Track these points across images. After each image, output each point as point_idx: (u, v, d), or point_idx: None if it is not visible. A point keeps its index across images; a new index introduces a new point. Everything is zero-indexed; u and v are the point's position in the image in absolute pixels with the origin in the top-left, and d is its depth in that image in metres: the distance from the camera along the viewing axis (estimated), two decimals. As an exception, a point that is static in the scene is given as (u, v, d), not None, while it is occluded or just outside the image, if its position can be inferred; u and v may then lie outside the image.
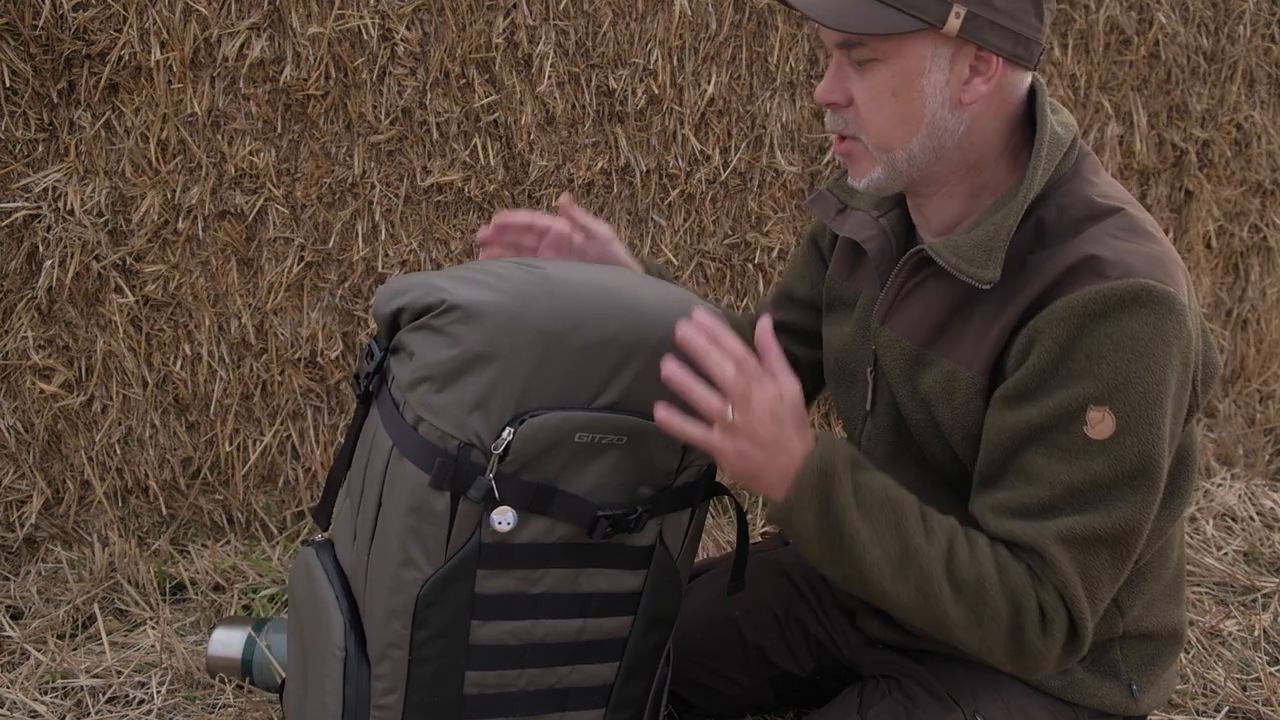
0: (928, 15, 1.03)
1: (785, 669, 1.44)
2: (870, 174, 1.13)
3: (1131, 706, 1.22)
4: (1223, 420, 2.49)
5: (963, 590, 1.04)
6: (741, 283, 2.09)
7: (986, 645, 1.06)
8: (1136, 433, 1.02)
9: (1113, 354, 1.01)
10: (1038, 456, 1.05)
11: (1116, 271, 1.02)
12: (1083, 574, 1.04)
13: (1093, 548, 1.04)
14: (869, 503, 1.05)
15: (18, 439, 1.87)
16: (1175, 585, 1.26)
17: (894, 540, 1.04)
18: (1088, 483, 1.03)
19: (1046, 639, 1.04)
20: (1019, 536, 1.05)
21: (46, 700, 1.56)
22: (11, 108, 1.73)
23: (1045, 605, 1.04)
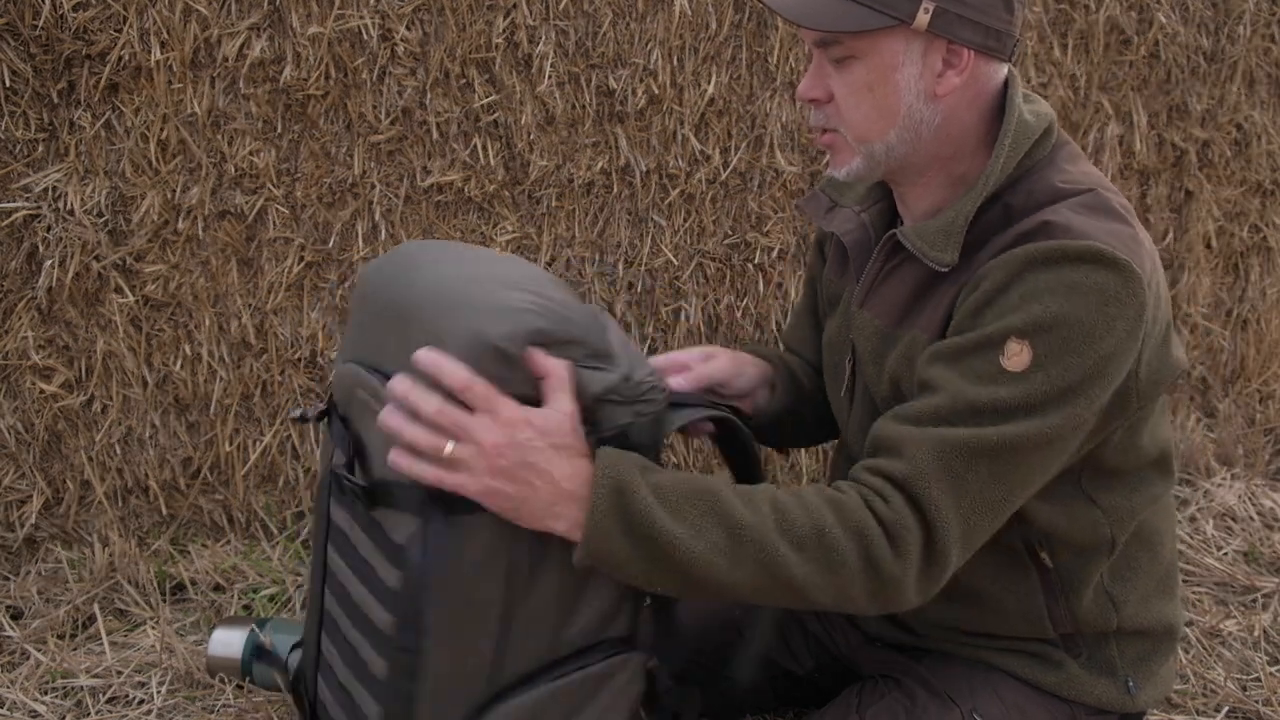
0: (897, 12, 1.06)
1: (785, 668, 1.44)
2: (850, 164, 1.17)
3: (1129, 703, 1.23)
4: (1223, 420, 2.49)
5: (804, 546, 0.98)
6: (741, 283, 2.09)
7: (847, 594, 1.00)
8: (1048, 372, 1.01)
9: (1046, 296, 1.01)
10: (948, 373, 1.05)
11: (1070, 235, 1.03)
12: (952, 486, 1.00)
13: (973, 460, 1.00)
14: (674, 499, 0.97)
15: (18, 439, 1.87)
16: (1168, 581, 1.26)
17: (715, 526, 0.97)
18: (988, 404, 1.01)
19: (901, 559, 0.99)
20: (891, 435, 1.03)
21: (46, 700, 1.56)
22: (11, 108, 1.73)
23: (890, 523, 0.99)
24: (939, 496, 1.00)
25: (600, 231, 2.00)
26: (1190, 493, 2.29)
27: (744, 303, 2.10)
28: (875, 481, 1.02)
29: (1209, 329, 2.48)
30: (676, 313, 2.07)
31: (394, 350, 1.05)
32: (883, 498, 1.01)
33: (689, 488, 0.99)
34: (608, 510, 0.95)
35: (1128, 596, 1.21)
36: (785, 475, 2.25)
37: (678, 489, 0.98)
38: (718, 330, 2.11)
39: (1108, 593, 1.20)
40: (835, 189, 1.34)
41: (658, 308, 2.06)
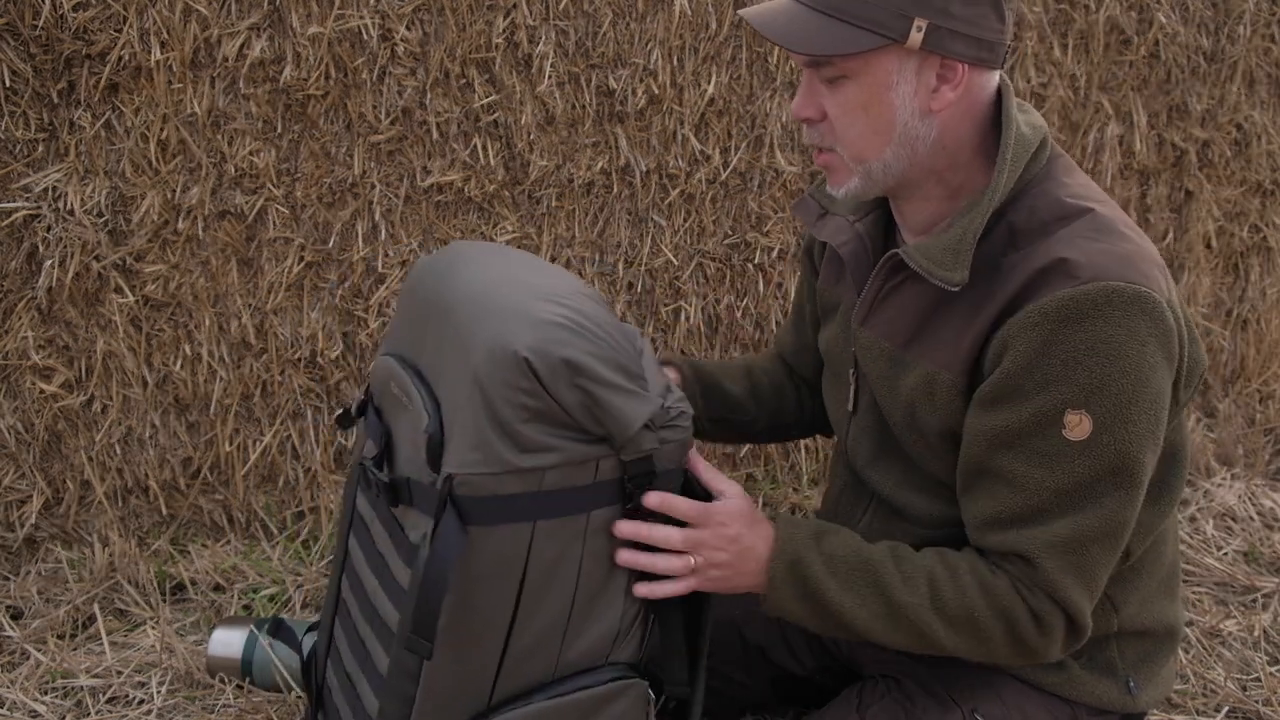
0: (889, 31, 1.05)
1: (785, 668, 1.44)
2: (848, 183, 1.16)
3: (1129, 703, 1.23)
4: (1223, 420, 2.49)
5: (955, 624, 1.10)
6: (741, 283, 2.09)
7: (992, 658, 1.13)
8: (1113, 432, 1.04)
9: (1087, 358, 1.03)
10: (1018, 464, 1.08)
11: (1086, 274, 1.03)
12: (1076, 573, 1.08)
13: (1083, 548, 1.07)
14: (843, 571, 1.12)
15: (18, 439, 1.87)
16: (1170, 582, 1.26)
17: (877, 600, 1.11)
18: (1070, 484, 1.06)
19: (1045, 639, 1.10)
20: (1009, 548, 1.09)
21: (46, 700, 1.56)
22: (11, 108, 1.73)
23: (1037, 610, 1.09)
24: (1070, 594, 1.08)
25: (600, 231, 2.00)
26: (1190, 493, 2.29)
27: (744, 303, 2.10)
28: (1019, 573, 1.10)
29: (1209, 329, 2.48)
30: (676, 313, 2.07)
31: (430, 346, 1.08)
32: (1028, 589, 1.09)
33: (855, 559, 1.13)
34: (784, 580, 1.12)
35: (1128, 598, 1.21)
36: (786, 476, 2.25)
37: (846, 561, 1.12)
38: (718, 330, 2.11)
39: (1107, 594, 1.20)
40: (826, 195, 1.32)
41: (658, 308, 2.06)
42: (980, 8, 1.07)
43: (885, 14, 1.05)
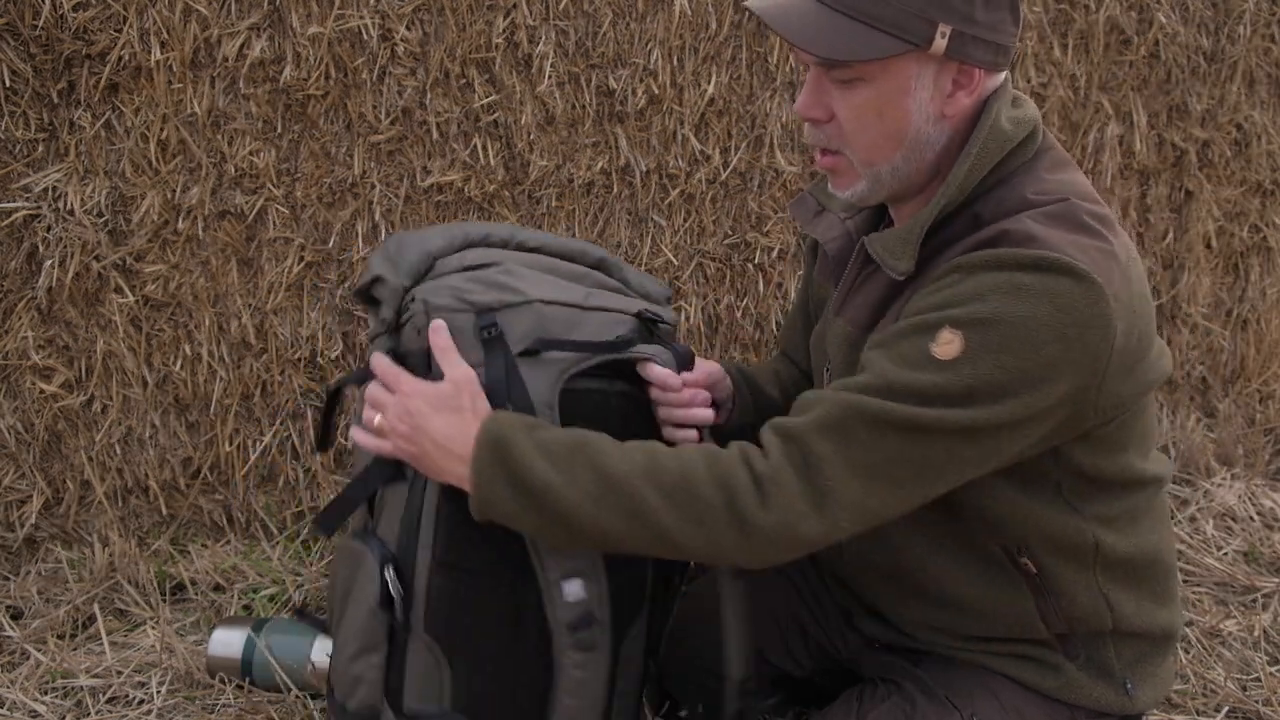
0: (914, 37, 1.02)
1: (784, 670, 1.44)
2: (854, 186, 1.13)
3: (1127, 705, 1.23)
4: (1223, 420, 2.49)
5: (672, 494, 0.99)
6: (741, 283, 2.09)
7: (717, 545, 1.00)
8: (977, 365, 0.97)
9: (991, 293, 0.98)
10: (877, 356, 1.03)
11: (1028, 243, 1.00)
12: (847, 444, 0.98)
13: (875, 428, 0.98)
14: (556, 451, 1.03)
15: (18, 439, 1.87)
16: (1166, 584, 1.26)
17: (589, 474, 1.01)
18: (907, 386, 0.98)
19: (769, 511, 0.98)
20: (805, 399, 1.03)
21: (46, 700, 1.56)
22: (11, 108, 1.73)
23: (762, 476, 0.99)
24: (824, 450, 0.98)
25: (600, 231, 2.00)
26: (1190, 493, 2.29)
27: (744, 303, 2.10)
28: (766, 436, 1.01)
29: (1209, 329, 2.48)
30: (676, 313, 2.07)
31: None
32: (764, 451, 1.00)
33: (572, 440, 1.04)
34: (489, 461, 1.03)
35: (1123, 600, 1.21)
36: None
37: (561, 442, 1.04)
38: (718, 330, 2.11)
39: (1103, 594, 1.19)
40: (823, 192, 1.31)
41: (658, 308, 2.06)
42: (1000, 12, 1.05)
43: (909, 18, 1.01)
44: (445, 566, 1.16)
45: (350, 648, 1.18)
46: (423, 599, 1.16)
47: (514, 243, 1.33)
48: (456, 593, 1.17)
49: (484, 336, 1.16)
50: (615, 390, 1.24)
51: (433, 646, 1.17)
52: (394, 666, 1.17)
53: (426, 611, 1.16)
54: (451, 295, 1.18)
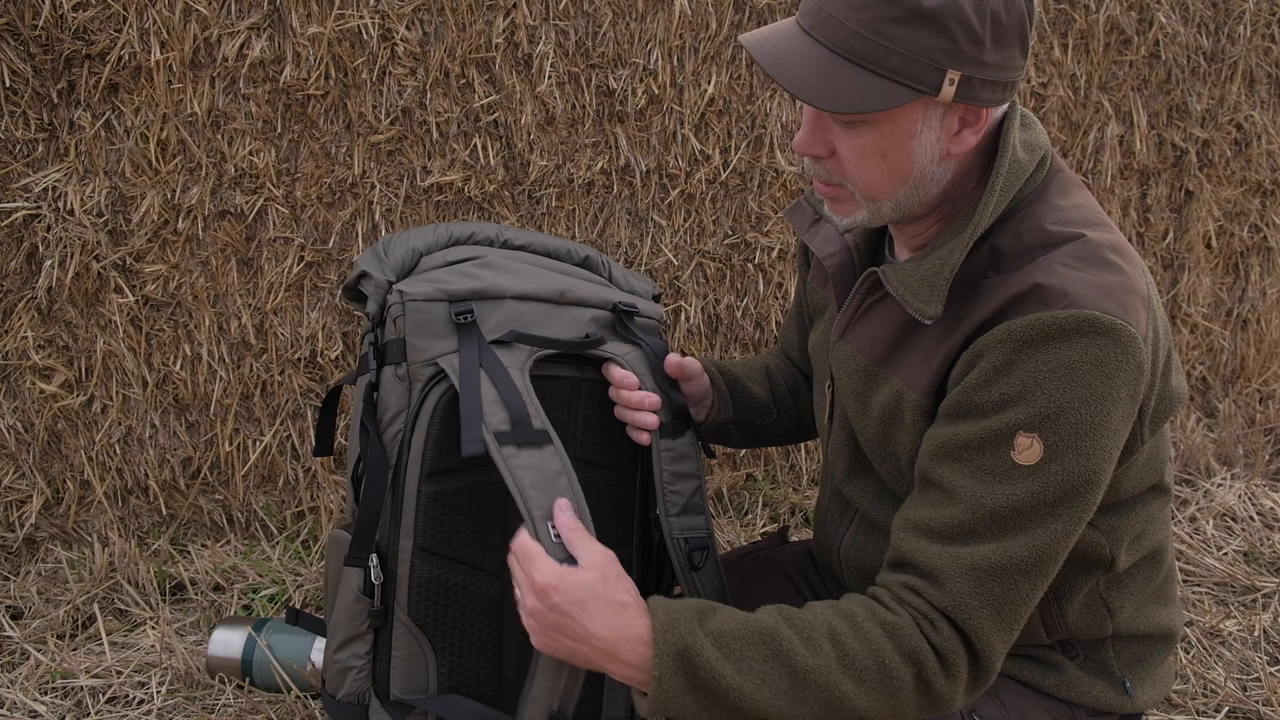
0: (922, 85, 0.99)
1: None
2: (855, 215, 1.12)
3: (1127, 704, 1.23)
4: (1223, 420, 2.49)
5: (865, 678, 1.01)
6: (741, 283, 2.09)
7: (901, 711, 1.03)
8: (1063, 461, 1.00)
9: (1049, 381, 0.99)
10: (961, 476, 1.03)
11: (1062, 301, 1.00)
12: (994, 605, 1.01)
13: (1007, 577, 1.01)
14: (737, 648, 1.00)
15: (18, 439, 1.87)
16: (1166, 587, 1.26)
17: (780, 673, 1.00)
18: (1008, 508, 1.01)
19: (951, 680, 1.02)
20: (923, 561, 1.03)
21: (46, 700, 1.56)
22: (11, 108, 1.73)
23: (941, 649, 1.02)
24: (980, 623, 1.01)
25: (600, 231, 2.00)
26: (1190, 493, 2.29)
27: (744, 303, 2.10)
28: (921, 605, 1.03)
29: (1209, 329, 2.48)
30: (676, 313, 2.07)
31: None
32: (931, 624, 1.02)
33: (748, 632, 1.01)
34: (673, 674, 0.99)
35: (1123, 603, 1.21)
36: (786, 476, 2.25)
37: (738, 636, 1.01)
38: (718, 330, 2.11)
39: (1103, 599, 1.19)
40: (819, 200, 1.30)
41: (658, 308, 2.06)
42: (1010, 50, 1.02)
43: (918, 66, 0.98)
44: (426, 552, 1.19)
45: (337, 637, 1.21)
46: (405, 585, 1.18)
47: (500, 241, 1.35)
48: (438, 578, 1.19)
49: (458, 322, 1.18)
50: (585, 378, 1.28)
51: (416, 632, 1.19)
52: (380, 655, 1.20)
53: (409, 597, 1.18)
54: (429, 285, 1.21)
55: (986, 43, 1.00)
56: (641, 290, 1.40)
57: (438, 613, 1.20)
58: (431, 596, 1.19)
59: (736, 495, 2.17)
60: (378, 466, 1.19)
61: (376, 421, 1.21)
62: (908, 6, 0.97)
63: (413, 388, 1.19)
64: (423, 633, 1.19)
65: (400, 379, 1.20)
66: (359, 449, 1.22)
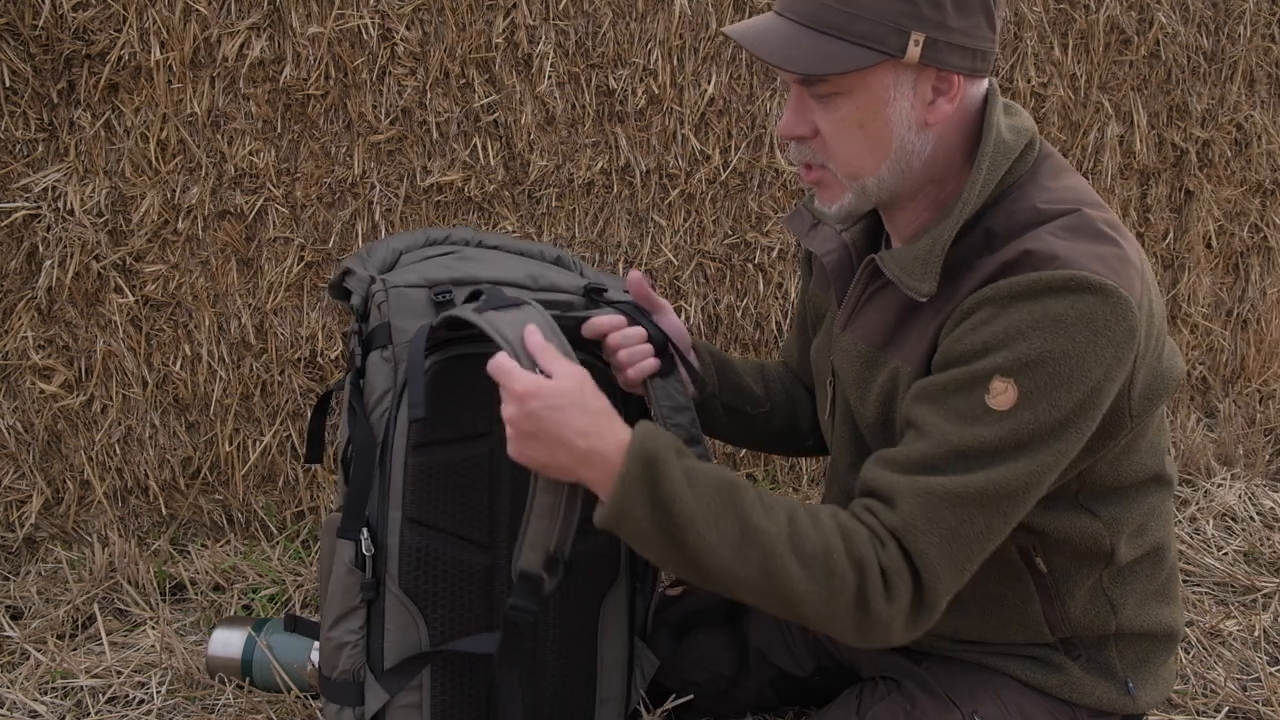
0: (887, 47, 1.03)
1: (785, 669, 1.44)
2: (840, 200, 1.14)
3: (1129, 704, 1.23)
4: (1223, 420, 2.49)
5: (809, 564, 1.01)
6: (741, 283, 2.09)
7: (836, 619, 1.03)
8: (1035, 409, 1.00)
9: (1031, 331, 1.00)
10: (933, 415, 1.04)
11: (1053, 263, 1.01)
12: (944, 535, 1.01)
13: (964, 509, 1.01)
14: (702, 484, 1.02)
15: (18, 439, 1.87)
16: (1169, 585, 1.26)
17: (732, 521, 1.01)
18: (974, 447, 1.01)
19: (890, 602, 1.02)
20: (882, 484, 1.04)
21: (46, 700, 1.56)
22: (11, 108, 1.73)
23: (887, 568, 1.02)
24: (928, 549, 1.01)
25: (600, 231, 2.00)
26: (1190, 493, 2.29)
27: (744, 303, 2.10)
28: (874, 524, 1.04)
29: (1209, 329, 2.48)
30: (677, 313, 2.07)
31: None
32: (881, 542, 1.03)
33: (717, 477, 1.03)
34: (637, 477, 1.01)
35: (1126, 600, 1.21)
36: (786, 475, 2.25)
37: (707, 475, 1.03)
38: (718, 330, 2.11)
39: (1106, 595, 1.20)
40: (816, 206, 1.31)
41: (658, 308, 2.06)
42: (974, 18, 1.05)
43: (882, 29, 1.02)
44: (415, 523, 1.21)
45: (331, 614, 1.23)
46: (395, 556, 1.21)
47: (475, 243, 1.42)
48: (428, 549, 1.22)
49: (437, 300, 1.23)
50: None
51: (407, 603, 1.21)
52: (373, 630, 1.22)
53: (400, 568, 1.21)
54: (410, 274, 1.27)
55: (948, 6, 1.04)
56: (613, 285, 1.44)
57: (428, 583, 1.22)
58: (422, 567, 1.22)
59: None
60: (366, 443, 1.22)
61: (364, 403, 1.24)
62: None
63: (398, 367, 1.23)
64: (414, 604, 1.21)
65: (386, 360, 1.23)
66: (349, 432, 1.26)
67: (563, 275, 1.38)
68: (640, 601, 1.39)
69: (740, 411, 1.43)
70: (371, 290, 1.27)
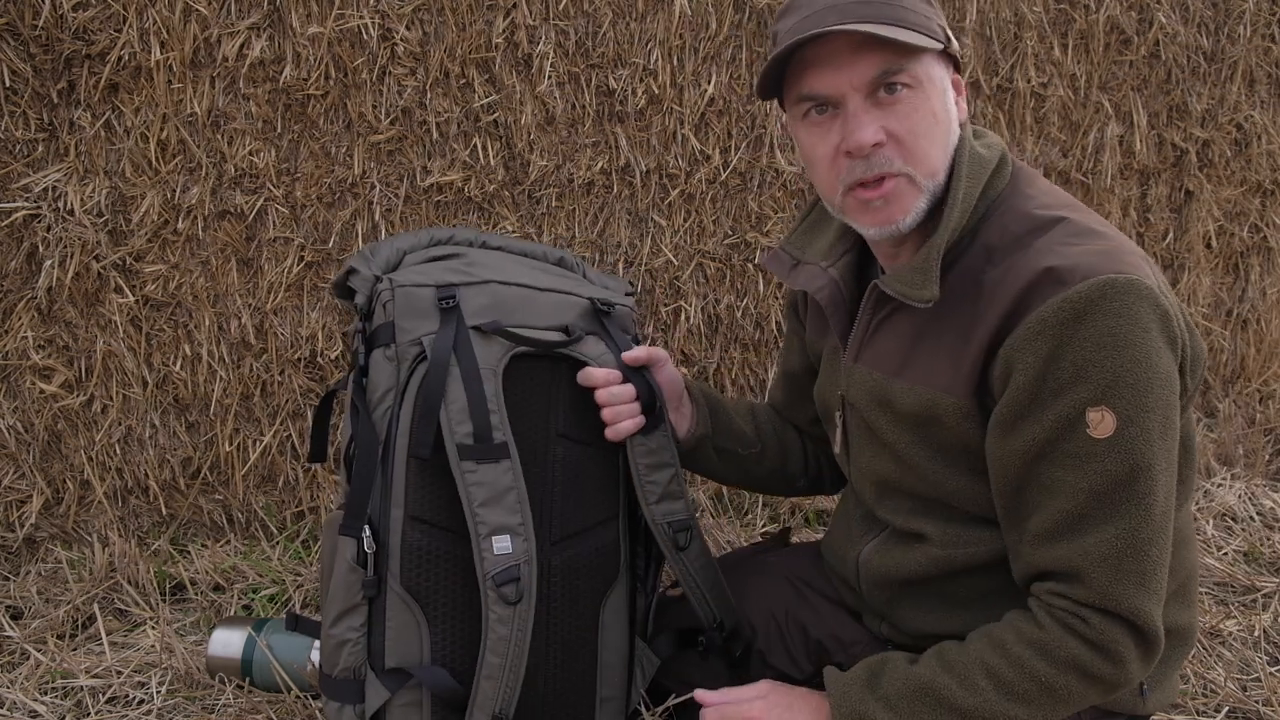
0: (938, 36, 1.10)
1: (784, 672, 1.43)
2: (915, 206, 1.13)
3: (1140, 705, 1.23)
4: (1223, 420, 2.49)
5: (1031, 700, 1.08)
6: (741, 283, 2.09)
7: (1084, 703, 1.10)
8: (1138, 423, 1.03)
9: (1096, 355, 1.02)
10: (1052, 469, 1.06)
11: (1076, 276, 1.03)
12: (1134, 579, 1.05)
13: (1135, 550, 1.05)
14: (905, 709, 1.11)
15: (18, 439, 1.87)
16: (1188, 586, 1.26)
17: (948, 718, 1.10)
18: (1105, 484, 1.04)
19: (1118, 665, 1.07)
20: (1057, 564, 1.07)
21: (46, 700, 1.56)
22: (11, 108, 1.73)
23: (1097, 642, 1.06)
24: (1133, 602, 1.05)
25: (600, 231, 2.00)
26: (1190, 493, 2.29)
27: (744, 303, 2.10)
28: (1068, 606, 1.08)
29: (1209, 329, 2.48)
30: (676, 313, 2.07)
31: None
32: (1083, 620, 1.07)
33: (912, 689, 1.12)
34: None
35: None
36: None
37: (904, 695, 1.12)
38: (718, 330, 2.11)
39: None
40: (797, 245, 1.34)
41: (658, 308, 2.06)
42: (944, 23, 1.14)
43: (927, 22, 1.10)
44: (417, 521, 1.22)
45: (332, 611, 1.23)
46: (397, 554, 1.22)
47: (478, 243, 1.43)
48: (429, 547, 1.23)
49: (442, 306, 1.25)
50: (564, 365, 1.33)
51: (409, 601, 1.22)
52: (375, 627, 1.23)
53: (401, 566, 1.22)
54: (416, 274, 1.28)
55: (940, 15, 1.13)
56: (615, 287, 1.47)
57: (430, 581, 1.23)
58: (423, 565, 1.23)
59: (736, 495, 2.17)
60: (368, 442, 1.23)
61: (366, 402, 1.25)
62: None
63: (400, 366, 1.24)
64: (415, 602, 1.22)
65: (389, 359, 1.25)
66: (351, 430, 1.27)
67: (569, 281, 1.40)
68: (641, 602, 1.39)
69: (732, 453, 1.46)
70: (377, 289, 1.29)
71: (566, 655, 1.32)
